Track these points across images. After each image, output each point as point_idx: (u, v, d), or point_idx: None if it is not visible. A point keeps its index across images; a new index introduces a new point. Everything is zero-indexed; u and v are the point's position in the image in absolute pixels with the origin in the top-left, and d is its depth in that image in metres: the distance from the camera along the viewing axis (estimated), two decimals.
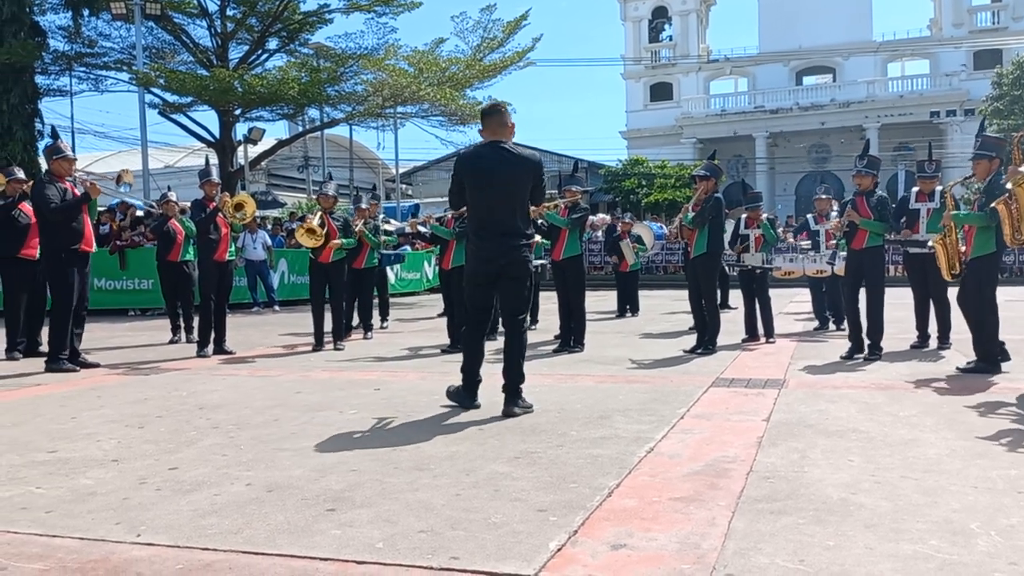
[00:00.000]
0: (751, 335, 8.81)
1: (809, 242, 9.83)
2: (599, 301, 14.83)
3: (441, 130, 22.47)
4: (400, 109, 21.61)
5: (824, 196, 10.07)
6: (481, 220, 4.98)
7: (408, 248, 20.88)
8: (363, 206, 9.93)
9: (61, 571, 2.49)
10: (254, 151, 23.96)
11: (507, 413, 4.79)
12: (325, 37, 22.03)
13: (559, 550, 2.59)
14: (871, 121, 41.14)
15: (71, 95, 23.35)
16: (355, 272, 9.70)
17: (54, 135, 7.93)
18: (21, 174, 8.87)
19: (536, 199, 5.17)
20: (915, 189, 8.03)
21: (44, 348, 7.90)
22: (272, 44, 21.86)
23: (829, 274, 9.41)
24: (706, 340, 7.95)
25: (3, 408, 5.47)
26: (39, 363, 7.55)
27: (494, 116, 5.07)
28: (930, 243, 7.04)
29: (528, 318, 5.11)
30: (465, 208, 9.07)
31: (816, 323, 10.37)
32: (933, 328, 8.02)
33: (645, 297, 14.89)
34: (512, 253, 4.91)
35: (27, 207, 8.17)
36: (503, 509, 3.01)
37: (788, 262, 9.65)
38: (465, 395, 5.13)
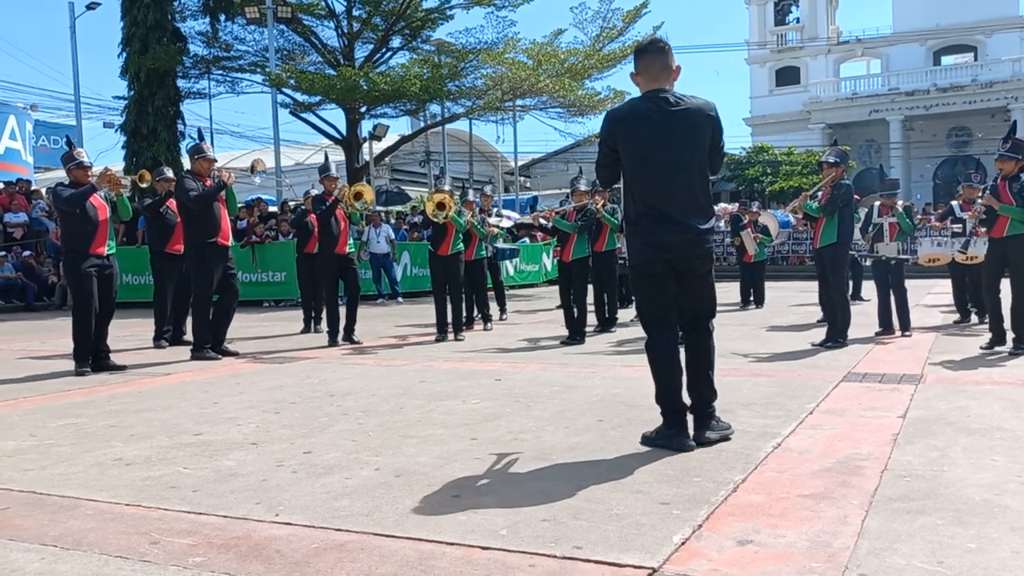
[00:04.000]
0: (885, 328, 8.43)
1: (960, 226, 9.34)
2: (722, 292, 14.49)
3: (559, 121, 22.59)
4: (519, 102, 21.78)
5: (976, 185, 9.54)
6: (646, 199, 3.81)
7: (527, 240, 21.06)
8: (469, 198, 10.08)
9: (208, 547, 2.65)
10: (378, 147, 24.63)
11: (700, 440, 3.75)
12: (446, 33, 22.47)
13: (683, 543, 2.57)
14: (1017, 102, 38.51)
15: (209, 97, 24.65)
16: (467, 264, 9.83)
17: (200, 136, 8.38)
18: (170, 173, 9.45)
19: (713, 163, 3.94)
20: None
21: (188, 337, 8.39)
22: (395, 42, 22.43)
23: (981, 260, 8.85)
24: (835, 333, 7.66)
25: (154, 393, 5.85)
26: (184, 351, 8.03)
27: (652, 56, 3.80)
28: None
29: (714, 321, 4.06)
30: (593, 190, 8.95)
31: (957, 315, 9.83)
32: None
33: (771, 289, 14.46)
34: (693, 242, 3.80)
35: (175, 204, 8.68)
36: (625, 501, 3.01)
37: (935, 247, 9.17)
38: (670, 433, 3.79)
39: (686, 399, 3.86)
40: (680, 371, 3.87)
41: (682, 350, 3.95)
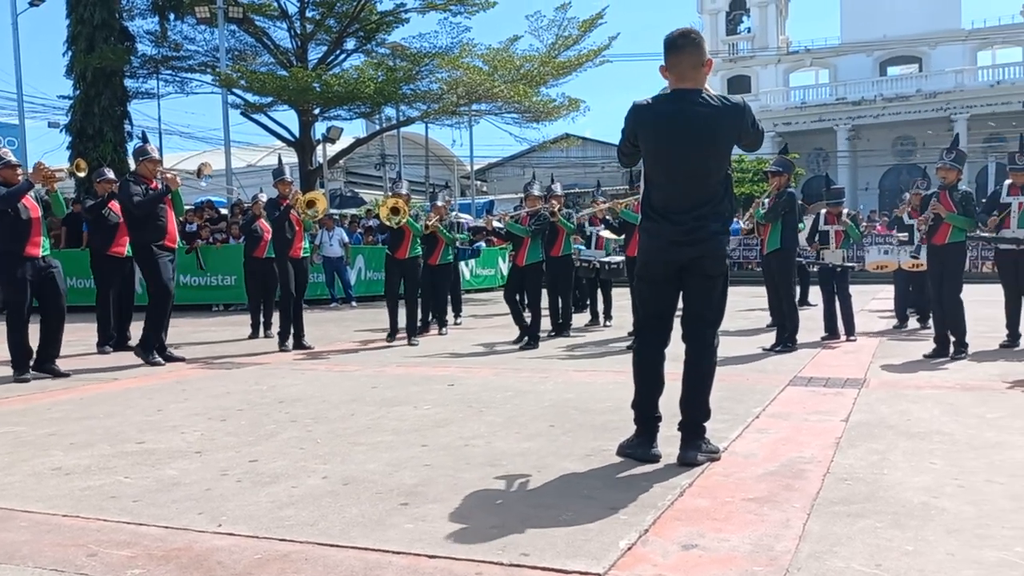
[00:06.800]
0: (831, 333, 8.60)
1: (906, 234, 9.56)
2: None
3: (515, 127, 22.62)
4: (475, 107, 21.77)
5: (923, 191, 9.77)
6: (664, 195, 3.67)
7: (483, 244, 21.05)
8: (439, 203, 10.06)
9: (147, 558, 2.59)
10: (332, 150, 24.42)
11: (684, 460, 3.56)
12: (401, 37, 22.38)
13: (629, 549, 2.58)
14: (959, 112, 39.60)
15: (158, 97, 24.19)
16: (431, 268, 9.81)
17: (143, 138, 8.23)
18: (111, 175, 9.27)
19: (751, 145, 3.78)
20: (1007, 182, 7.71)
21: (133, 343, 8.21)
22: (350, 44, 22.27)
23: (924, 267, 9.08)
24: (784, 338, 7.79)
25: (96, 400, 5.72)
26: (129, 357, 7.86)
27: (685, 51, 3.57)
28: None
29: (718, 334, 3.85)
30: (535, 204, 9.01)
31: (896, 321, 10.07)
32: None
33: None
34: (707, 241, 3.60)
35: (116, 206, 8.51)
36: (574, 506, 3.02)
37: (882, 254, 9.37)
38: (638, 441, 3.72)
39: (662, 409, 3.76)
40: (660, 383, 3.73)
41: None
